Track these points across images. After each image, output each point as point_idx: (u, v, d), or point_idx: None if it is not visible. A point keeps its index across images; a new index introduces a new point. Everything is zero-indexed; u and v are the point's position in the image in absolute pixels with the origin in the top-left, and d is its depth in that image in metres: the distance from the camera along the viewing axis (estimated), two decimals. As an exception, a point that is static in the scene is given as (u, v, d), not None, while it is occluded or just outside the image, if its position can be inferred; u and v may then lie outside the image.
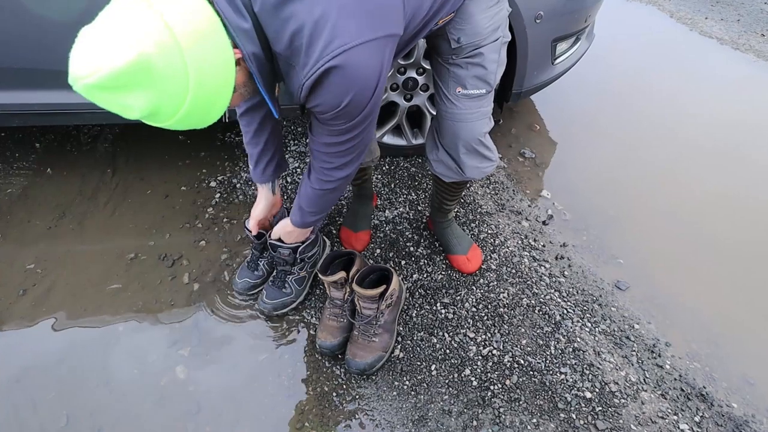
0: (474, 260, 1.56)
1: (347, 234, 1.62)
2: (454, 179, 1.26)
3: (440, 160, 1.24)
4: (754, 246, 1.72)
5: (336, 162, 1.04)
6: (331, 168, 1.06)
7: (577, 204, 1.86)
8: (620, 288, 1.56)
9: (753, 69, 2.79)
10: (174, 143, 2.06)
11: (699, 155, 2.12)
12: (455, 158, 1.21)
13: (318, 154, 1.06)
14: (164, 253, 1.63)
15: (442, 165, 1.24)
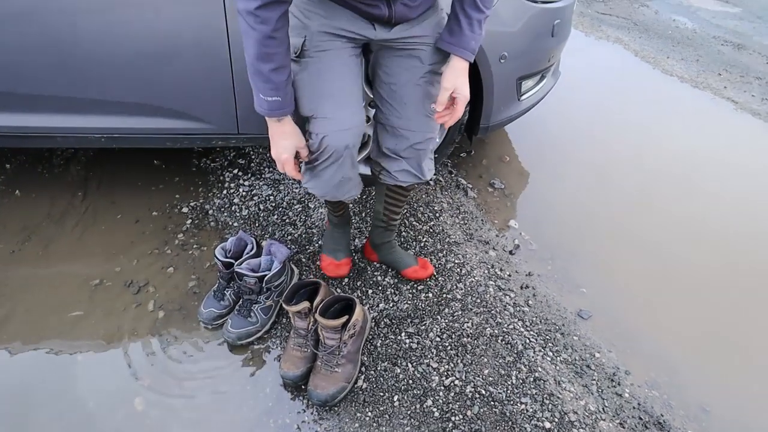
0: (426, 265, 1.63)
1: (329, 262, 1.60)
2: (414, 181, 1.35)
3: (404, 170, 1.31)
4: (713, 275, 1.79)
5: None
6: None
7: (543, 234, 1.91)
8: (582, 317, 1.59)
9: (711, 105, 2.94)
10: (149, 168, 2.07)
11: (662, 186, 2.21)
12: (419, 163, 1.31)
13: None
14: (130, 279, 1.61)
15: (406, 173, 1.32)
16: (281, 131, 1.13)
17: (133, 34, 1.45)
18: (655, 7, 4.67)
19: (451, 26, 1.11)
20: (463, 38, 1.09)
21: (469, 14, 1.07)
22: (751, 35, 4.10)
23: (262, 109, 1.09)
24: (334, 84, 1.14)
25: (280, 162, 1.17)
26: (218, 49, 1.48)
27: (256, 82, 1.05)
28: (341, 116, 1.14)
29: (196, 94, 1.59)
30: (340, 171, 1.20)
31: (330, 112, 1.13)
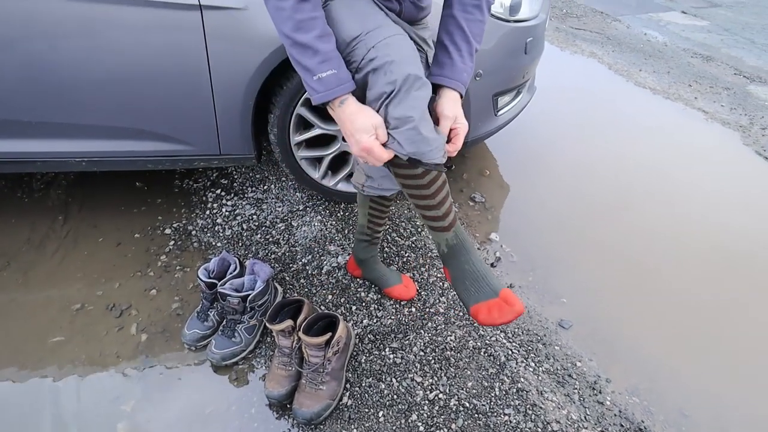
0: (410, 284, 1.64)
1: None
2: (397, 189, 1.35)
3: (386, 176, 1.31)
4: (690, 281, 1.83)
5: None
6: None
7: (524, 246, 1.94)
8: (563, 327, 1.62)
9: (683, 115, 3.04)
10: (131, 190, 2.07)
11: (638, 195, 2.27)
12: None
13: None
14: (112, 303, 1.61)
15: (390, 180, 1.32)
16: (349, 114, 0.96)
17: (112, 58, 1.47)
18: (627, 22, 4.82)
19: (441, 59, 1.07)
20: (455, 70, 1.05)
21: (459, 46, 1.05)
22: (719, 47, 4.25)
23: (318, 94, 0.94)
24: (378, 14, 1.01)
25: (365, 150, 0.98)
26: (198, 71, 1.51)
27: (303, 61, 0.92)
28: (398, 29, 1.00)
29: (177, 116, 1.60)
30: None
31: (384, 21, 0.99)
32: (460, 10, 1.07)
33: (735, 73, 3.70)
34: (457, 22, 1.06)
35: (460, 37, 1.05)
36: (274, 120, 1.68)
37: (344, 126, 0.98)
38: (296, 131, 1.73)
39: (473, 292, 1.08)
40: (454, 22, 1.07)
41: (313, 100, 0.96)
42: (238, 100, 1.58)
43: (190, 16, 1.40)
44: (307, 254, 1.78)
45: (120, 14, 1.39)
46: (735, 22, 5.06)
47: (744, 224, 2.16)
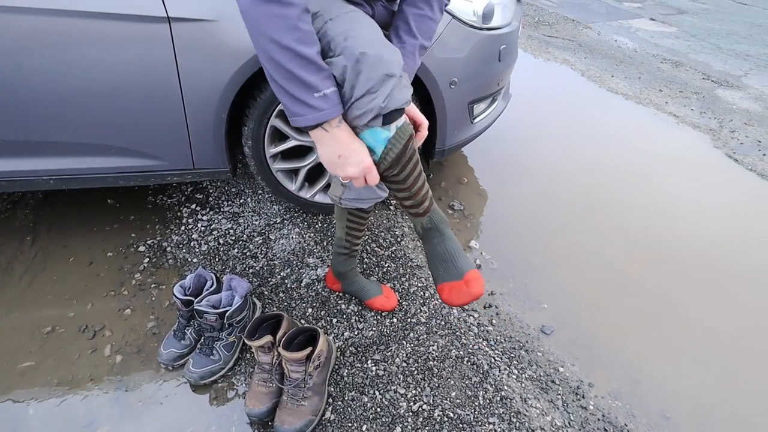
0: (391, 295, 1.63)
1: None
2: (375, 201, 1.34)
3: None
4: (667, 286, 1.86)
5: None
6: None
7: (503, 252, 1.95)
8: (545, 332, 1.63)
9: (655, 120, 3.10)
10: (102, 207, 2.01)
11: (614, 199, 2.30)
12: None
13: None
14: (85, 324, 1.55)
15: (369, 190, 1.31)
16: (348, 134, 0.91)
17: (79, 73, 1.43)
18: (598, 29, 4.93)
19: None
20: (409, 70, 1.07)
21: (403, 40, 1.04)
22: (687, 53, 4.37)
23: (319, 112, 0.86)
24: (374, 27, 0.95)
25: (367, 170, 0.95)
26: (169, 85, 1.48)
27: (305, 77, 0.83)
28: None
29: (147, 131, 1.57)
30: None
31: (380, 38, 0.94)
32: (409, 4, 1.05)
33: (703, 78, 3.80)
34: (404, 15, 1.05)
35: (405, 31, 1.04)
36: (249, 132, 1.66)
37: (340, 147, 0.91)
38: (271, 143, 1.71)
39: (441, 272, 1.12)
40: (401, 15, 1.06)
41: (306, 120, 0.87)
42: (211, 113, 1.55)
43: (158, 28, 1.37)
44: (286, 268, 1.76)
45: (86, 28, 1.36)
46: (701, 28, 5.23)
47: (717, 227, 2.21)
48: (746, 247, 2.09)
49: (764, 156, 2.78)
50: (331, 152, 0.93)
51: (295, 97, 0.85)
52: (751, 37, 5.05)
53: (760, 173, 2.63)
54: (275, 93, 0.88)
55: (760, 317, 1.77)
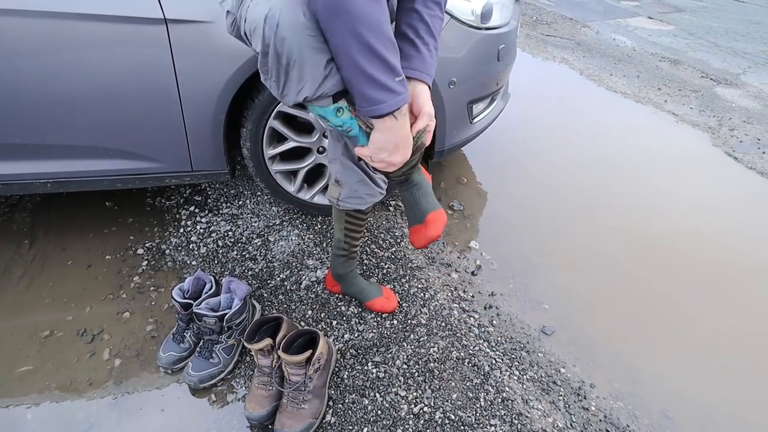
0: (391, 296, 1.62)
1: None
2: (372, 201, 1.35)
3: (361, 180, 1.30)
4: (668, 285, 1.85)
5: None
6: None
7: (503, 253, 1.94)
8: (546, 333, 1.62)
9: (654, 118, 3.10)
10: (100, 210, 2.00)
11: (614, 199, 2.29)
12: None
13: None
14: (83, 327, 1.55)
15: (363, 184, 1.31)
16: (406, 122, 0.96)
17: (76, 76, 1.42)
18: (596, 28, 4.93)
19: (408, 51, 1.06)
20: (425, 63, 1.06)
21: (426, 40, 1.05)
22: (685, 51, 4.37)
23: (398, 98, 0.89)
24: None
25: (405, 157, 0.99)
26: (166, 87, 1.47)
27: (390, 60, 0.85)
28: None
29: (145, 133, 1.56)
30: None
31: None
32: (422, 4, 1.05)
33: (702, 76, 3.80)
34: (421, 15, 1.05)
35: (425, 31, 1.05)
36: (247, 134, 1.65)
37: (403, 135, 0.95)
38: (270, 145, 1.70)
39: (410, 216, 1.19)
40: (417, 15, 1.05)
41: (388, 106, 0.88)
42: (209, 115, 1.54)
43: (155, 30, 1.36)
44: (285, 269, 1.75)
45: (83, 30, 1.35)
46: (699, 26, 5.22)
47: (718, 225, 2.20)
48: (746, 246, 2.09)
49: (764, 154, 2.78)
50: (390, 140, 0.95)
51: (378, 82, 0.85)
52: (749, 34, 5.05)
53: (759, 171, 2.63)
54: (350, 82, 0.87)
55: (760, 316, 1.76)
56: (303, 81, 0.87)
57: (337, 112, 0.95)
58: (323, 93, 0.89)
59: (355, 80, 0.86)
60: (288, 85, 0.88)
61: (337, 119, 0.96)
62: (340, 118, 0.96)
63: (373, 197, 1.35)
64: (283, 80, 0.88)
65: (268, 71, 0.88)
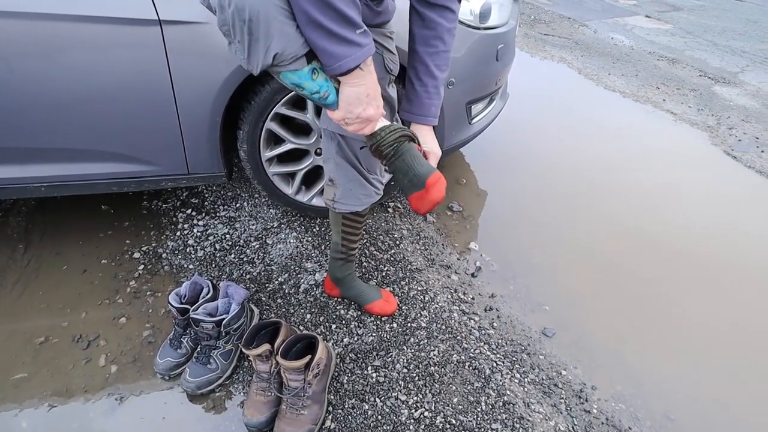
0: (390, 299, 1.60)
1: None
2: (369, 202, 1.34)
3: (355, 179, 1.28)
4: (670, 286, 1.84)
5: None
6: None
7: (503, 254, 1.93)
8: (547, 335, 1.60)
9: (653, 117, 3.09)
10: (96, 214, 1.98)
11: (614, 199, 2.28)
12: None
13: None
14: (79, 333, 1.52)
15: (357, 183, 1.29)
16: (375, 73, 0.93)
17: (71, 78, 1.40)
18: (594, 27, 4.92)
19: (409, 95, 1.09)
20: (422, 107, 1.08)
21: (424, 82, 1.06)
22: (683, 50, 4.37)
23: (363, 51, 0.86)
24: None
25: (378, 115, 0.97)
26: (161, 89, 1.45)
27: (347, 14, 0.81)
28: None
29: (140, 136, 1.54)
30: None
31: None
32: (422, 44, 1.07)
33: (700, 75, 3.79)
34: (419, 56, 1.07)
35: (424, 72, 1.06)
36: (244, 136, 1.63)
37: (372, 84, 0.92)
38: (267, 147, 1.68)
39: (407, 186, 1.07)
40: (417, 57, 1.07)
41: (354, 60, 0.85)
42: (205, 117, 1.53)
43: (150, 31, 1.34)
44: (284, 273, 1.73)
45: (76, 32, 1.33)
46: (696, 25, 5.22)
47: (718, 225, 2.19)
48: (747, 246, 2.08)
49: (762, 153, 2.77)
50: (361, 92, 0.92)
51: (340, 36, 0.82)
52: (747, 33, 5.05)
53: (758, 170, 2.62)
54: (313, 43, 0.83)
55: (761, 316, 1.75)
56: (270, 37, 0.81)
57: (312, 73, 0.89)
58: (296, 51, 0.83)
59: (314, 36, 0.82)
60: (254, 45, 0.82)
61: (313, 83, 0.90)
62: (316, 82, 0.90)
63: (369, 198, 1.33)
64: (247, 40, 0.82)
65: (230, 31, 0.83)
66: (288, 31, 0.82)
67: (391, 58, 1.15)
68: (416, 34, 1.08)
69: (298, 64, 0.86)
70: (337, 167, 1.27)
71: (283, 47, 0.82)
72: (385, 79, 1.16)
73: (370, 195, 1.33)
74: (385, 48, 1.13)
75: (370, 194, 1.33)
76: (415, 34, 1.08)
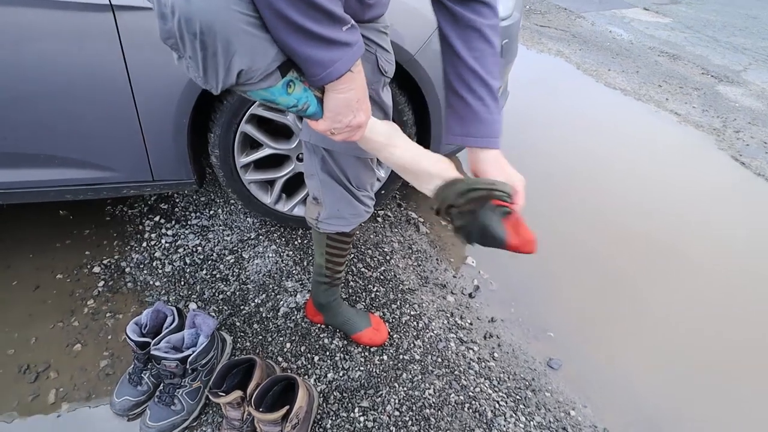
0: (380, 326, 1.44)
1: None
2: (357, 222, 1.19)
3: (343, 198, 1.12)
4: (685, 304, 1.70)
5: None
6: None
7: (503, 271, 1.77)
8: (553, 367, 1.46)
9: (655, 118, 2.94)
10: (53, 220, 1.78)
11: (620, 208, 2.13)
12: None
13: None
14: (26, 363, 1.33)
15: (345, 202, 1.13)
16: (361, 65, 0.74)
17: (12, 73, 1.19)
18: (591, 19, 4.75)
19: (461, 113, 0.87)
20: (483, 125, 0.87)
21: (479, 94, 0.85)
22: (684, 45, 4.22)
23: (353, 51, 0.69)
24: None
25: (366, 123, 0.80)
26: (116, 86, 1.25)
27: (330, 9, 0.63)
28: None
29: (94, 138, 1.34)
30: None
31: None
32: (465, 48, 0.86)
33: (702, 73, 3.65)
34: (466, 63, 0.85)
35: (476, 81, 0.85)
36: (215, 140, 1.44)
37: (362, 88, 0.75)
38: (242, 152, 1.49)
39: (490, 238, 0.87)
40: (462, 64, 0.86)
41: (344, 63, 0.68)
42: (169, 118, 1.33)
43: (101, 18, 1.14)
44: (261, 293, 1.55)
45: (14, 19, 1.12)
46: (696, 19, 5.08)
47: (732, 240, 2.05)
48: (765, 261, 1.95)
49: (771, 158, 2.65)
50: (350, 97, 0.74)
51: (326, 38, 0.65)
52: (748, 29, 4.93)
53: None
54: (293, 51, 0.64)
55: (781, 343, 1.62)
56: (231, 53, 0.61)
57: (287, 87, 0.70)
58: (266, 66, 0.65)
59: (296, 43, 0.64)
60: (211, 62, 0.62)
61: (289, 97, 0.71)
62: (291, 96, 0.71)
63: (358, 217, 1.16)
64: (201, 56, 0.62)
65: (177, 45, 0.63)
66: (254, 44, 0.63)
67: (386, 57, 0.96)
68: (451, 36, 0.87)
69: (270, 80, 0.67)
70: (323, 185, 1.09)
71: (250, 63, 0.63)
72: (379, 82, 0.98)
73: (360, 214, 1.16)
74: (378, 46, 0.94)
75: (360, 213, 1.16)
76: (449, 36, 0.87)
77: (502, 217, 0.84)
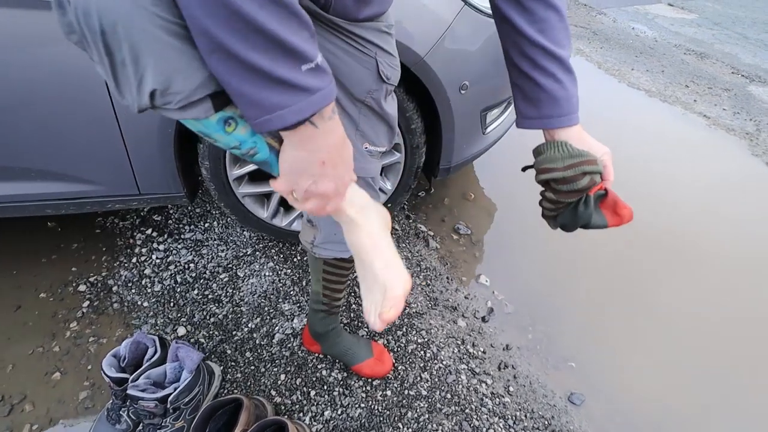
0: (384, 356, 1.31)
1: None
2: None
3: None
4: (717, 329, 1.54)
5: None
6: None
7: (519, 290, 1.62)
8: (574, 402, 1.31)
9: (684, 122, 2.75)
10: (40, 232, 1.68)
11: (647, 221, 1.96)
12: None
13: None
14: (1, 395, 1.24)
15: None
16: (342, 131, 0.58)
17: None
18: (613, 15, 4.55)
19: (531, 96, 0.80)
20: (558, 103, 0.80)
21: (549, 70, 0.77)
22: (712, 43, 4.00)
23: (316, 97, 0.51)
24: None
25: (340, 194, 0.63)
26: (94, 93, 1.13)
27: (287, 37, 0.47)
28: None
29: (73, 150, 1.23)
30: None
31: None
32: (527, 21, 0.76)
33: (732, 72, 3.44)
34: (530, 39, 0.77)
35: (543, 56, 0.77)
36: (205, 151, 1.32)
37: (332, 148, 0.57)
38: (234, 164, 1.37)
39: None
40: (526, 40, 0.77)
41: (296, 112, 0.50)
42: (153, 128, 1.21)
43: (70, 21, 1.02)
44: (255, 316, 1.43)
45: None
46: (724, 15, 4.84)
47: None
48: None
49: (809, 165, 2.45)
50: (311, 159, 0.57)
51: (273, 77, 0.48)
52: (777, 25, 4.68)
53: (807, 186, 2.30)
54: (224, 82, 0.49)
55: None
56: (142, 65, 0.47)
57: (225, 125, 0.55)
58: (189, 92, 0.49)
59: (227, 74, 0.48)
60: (121, 72, 0.48)
61: (229, 137, 0.57)
62: (232, 135, 0.57)
63: None
64: (108, 62, 0.47)
65: (81, 43, 0.48)
66: (173, 59, 0.47)
67: (388, 61, 0.82)
68: (508, 10, 0.77)
69: (196, 111, 0.51)
70: None
71: (165, 84, 0.48)
72: (380, 90, 0.84)
73: None
74: (379, 48, 0.80)
75: None
76: (505, 11, 0.78)
77: (599, 202, 0.90)
